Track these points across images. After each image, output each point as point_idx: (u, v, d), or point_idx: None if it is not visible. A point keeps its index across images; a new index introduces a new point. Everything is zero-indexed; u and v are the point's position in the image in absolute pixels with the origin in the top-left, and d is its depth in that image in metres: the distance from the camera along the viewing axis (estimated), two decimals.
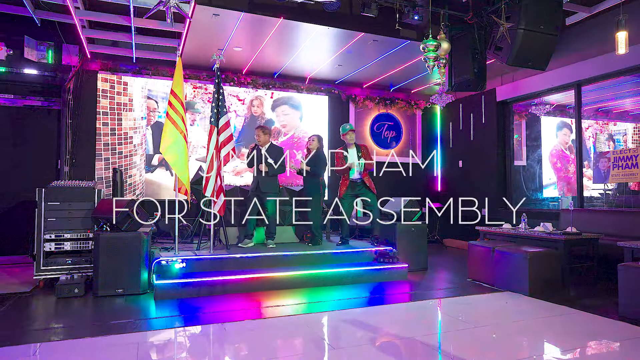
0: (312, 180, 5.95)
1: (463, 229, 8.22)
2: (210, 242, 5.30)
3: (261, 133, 5.80)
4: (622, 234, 5.30)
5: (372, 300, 4.55)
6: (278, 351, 3.08)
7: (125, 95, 7.29)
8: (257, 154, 5.74)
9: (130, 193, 7.12)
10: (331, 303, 4.38)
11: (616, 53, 4.99)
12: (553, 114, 8.28)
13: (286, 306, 4.22)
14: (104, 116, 7.12)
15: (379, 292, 4.86)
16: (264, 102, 8.15)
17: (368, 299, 4.56)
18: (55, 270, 4.78)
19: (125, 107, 7.28)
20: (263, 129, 5.84)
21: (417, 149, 9.42)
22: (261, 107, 8.14)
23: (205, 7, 5.25)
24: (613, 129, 8.39)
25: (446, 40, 5.40)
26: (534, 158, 8.21)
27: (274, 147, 5.86)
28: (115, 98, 7.21)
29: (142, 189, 7.28)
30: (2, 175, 6.78)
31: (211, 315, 3.89)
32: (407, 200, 6.16)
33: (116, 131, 7.19)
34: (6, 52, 6.60)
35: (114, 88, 7.21)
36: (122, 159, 7.18)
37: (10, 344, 3.07)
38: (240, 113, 7.93)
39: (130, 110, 7.31)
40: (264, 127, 5.92)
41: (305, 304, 4.34)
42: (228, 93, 7.72)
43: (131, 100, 7.31)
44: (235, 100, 7.88)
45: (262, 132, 5.81)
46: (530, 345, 3.26)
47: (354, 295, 4.64)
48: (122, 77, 7.26)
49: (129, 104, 7.30)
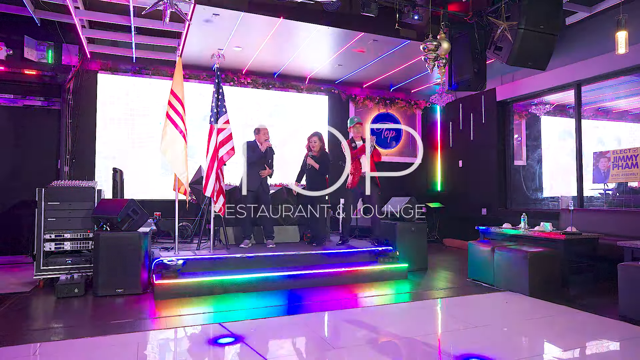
0: (319, 179, 5.93)
1: (463, 228, 8.26)
2: (210, 242, 5.30)
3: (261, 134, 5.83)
4: (622, 234, 5.30)
5: (371, 300, 4.55)
6: (279, 350, 3.07)
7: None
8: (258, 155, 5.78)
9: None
10: (331, 303, 4.38)
11: (616, 53, 4.99)
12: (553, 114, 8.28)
13: (286, 306, 4.22)
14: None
15: (378, 292, 4.86)
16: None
17: (368, 299, 4.55)
18: (55, 270, 4.78)
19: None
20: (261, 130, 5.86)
21: (417, 148, 9.42)
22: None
23: (205, 7, 5.25)
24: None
25: (446, 40, 5.40)
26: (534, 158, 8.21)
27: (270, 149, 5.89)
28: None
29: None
30: (2, 175, 6.77)
31: (211, 316, 3.89)
32: (407, 200, 6.16)
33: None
34: (6, 52, 6.59)
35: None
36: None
37: (10, 344, 3.07)
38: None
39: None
40: (261, 128, 5.91)
41: (305, 303, 4.33)
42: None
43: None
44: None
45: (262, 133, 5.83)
46: (530, 345, 3.26)
47: (354, 295, 4.64)
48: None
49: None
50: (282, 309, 4.11)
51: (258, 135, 5.81)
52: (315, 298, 4.51)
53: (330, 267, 5.19)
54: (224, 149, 5.21)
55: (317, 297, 4.53)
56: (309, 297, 4.53)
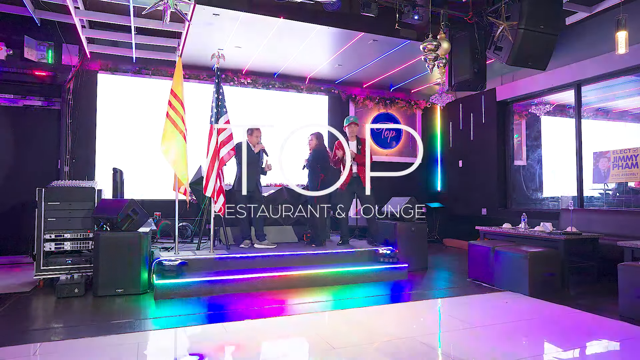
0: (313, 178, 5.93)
1: (463, 228, 8.25)
2: (210, 242, 5.30)
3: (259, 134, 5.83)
4: (622, 234, 5.30)
5: (371, 300, 4.55)
6: (278, 350, 3.07)
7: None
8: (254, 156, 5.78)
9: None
10: (331, 303, 4.38)
11: (616, 53, 4.99)
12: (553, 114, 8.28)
13: (286, 306, 4.22)
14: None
15: (378, 292, 4.86)
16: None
17: (368, 299, 4.55)
18: (55, 270, 4.77)
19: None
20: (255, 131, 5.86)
21: (417, 148, 9.42)
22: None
23: (205, 7, 5.25)
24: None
25: (446, 40, 5.40)
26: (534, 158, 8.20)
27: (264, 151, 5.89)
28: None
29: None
30: (2, 175, 6.77)
31: (211, 316, 3.89)
32: (407, 200, 6.16)
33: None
34: (6, 52, 6.59)
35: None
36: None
37: (10, 344, 3.07)
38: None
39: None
40: (255, 129, 5.90)
41: (304, 303, 4.33)
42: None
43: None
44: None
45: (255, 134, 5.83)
46: (530, 345, 3.25)
47: (354, 295, 4.64)
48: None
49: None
50: (282, 309, 4.11)
51: (250, 136, 5.78)
52: (315, 298, 4.51)
53: (330, 267, 5.19)
54: (225, 149, 5.21)
55: (317, 298, 4.53)
56: (309, 298, 4.53)
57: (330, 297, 4.56)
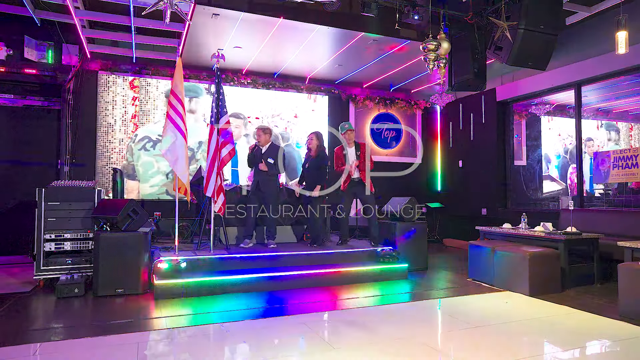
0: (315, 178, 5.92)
1: (463, 228, 8.26)
2: (210, 242, 5.30)
3: (262, 133, 5.80)
4: (622, 234, 5.30)
5: (371, 300, 4.55)
6: (278, 350, 3.07)
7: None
8: (257, 154, 5.75)
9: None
10: (331, 303, 4.38)
11: (616, 53, 4.99)
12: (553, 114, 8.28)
13: (286, 306, 4.22)
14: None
15: (379, 292, 4.86)
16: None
17: (368, 299, 4.55)
18: (55, 270, 4.78)
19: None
20: (264, 129, 5.84)
21: (417, 148, 9.42)
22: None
23: (205, 7, 5.25)
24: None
25: (446, 40, 5.40)
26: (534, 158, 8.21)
27: (273, 147, 5.85)
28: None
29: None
30: (2, 175, 6.77)
31: (211, 316, 3.89)
32: (407, 200, 6.16)
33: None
34: (6, 52, 6.59)
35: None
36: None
37: (10, 344, 3.07)
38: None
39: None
40: (264, 128, 5.91)
41: (304, 303, 4.33)
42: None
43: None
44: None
45: (263, 132, 5.81)
46: (530, 345, 3.26)
47: (354, 295, 4.64)
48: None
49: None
50: (282, 309, 4.11)
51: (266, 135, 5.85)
52: (315, 298, 4.51)
53: (331, 267, 5.18)
54: (226, 150, 5.21)
55: (317, 298, 4.53)
56: (309, 298, 4.53)
57: (330, 297, 4.55)
